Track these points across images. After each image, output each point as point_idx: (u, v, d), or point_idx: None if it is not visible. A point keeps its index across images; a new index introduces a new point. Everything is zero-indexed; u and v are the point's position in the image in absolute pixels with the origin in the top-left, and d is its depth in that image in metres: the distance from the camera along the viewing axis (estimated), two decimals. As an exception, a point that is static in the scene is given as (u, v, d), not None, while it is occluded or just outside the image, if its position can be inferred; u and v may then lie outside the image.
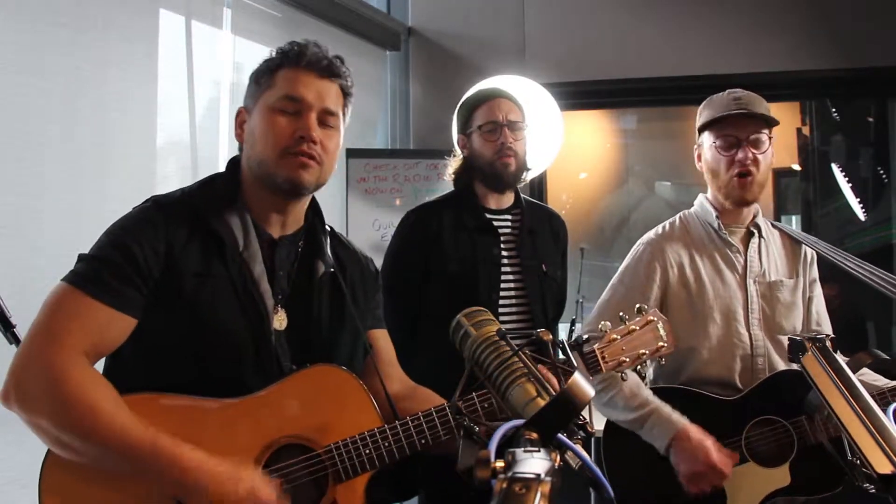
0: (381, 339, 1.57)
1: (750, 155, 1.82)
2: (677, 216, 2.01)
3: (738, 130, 1.84)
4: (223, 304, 1.30)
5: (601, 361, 1.44)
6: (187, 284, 1.28)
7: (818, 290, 1.99)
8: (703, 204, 1.97)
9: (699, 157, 1.96)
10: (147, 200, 1.37)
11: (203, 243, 1.31)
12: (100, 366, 1.29)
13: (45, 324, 1.21)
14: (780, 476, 1.73)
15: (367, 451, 1.30)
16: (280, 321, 1.36)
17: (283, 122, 1.33)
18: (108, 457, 1.18)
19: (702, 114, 1.94)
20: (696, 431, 1.74)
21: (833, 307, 2.04)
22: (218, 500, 1.17)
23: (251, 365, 1.31)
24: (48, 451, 1.22)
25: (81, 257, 1.28)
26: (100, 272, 1.23)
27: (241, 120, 1.41)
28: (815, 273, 1.99)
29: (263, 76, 1.38)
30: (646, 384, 1.91)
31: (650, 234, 1.98)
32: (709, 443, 1.72)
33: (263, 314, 1.33)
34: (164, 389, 1.26)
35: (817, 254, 2.00)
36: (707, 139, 1.90)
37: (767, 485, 1.74)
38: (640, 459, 1.80)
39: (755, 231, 1.93)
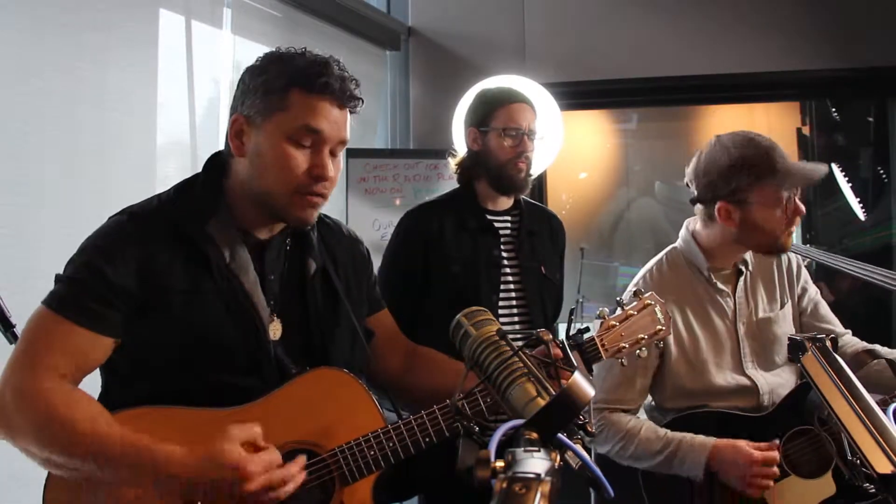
0: (383, 320, 1.56)
1: (801, 204, 1.77)
2: (663, 257, 1.92)
3: (793, 190, 1.76)
4: (214, 319, 1.26)
5: (601, 349, 1.45)
6: (174, 302, 1.24)
7: (812, 295, 1.94)
8: (691, 244, 1.88)
9: (725, 211, 1.76)
10: (122, 213, 1.29)
11: (186, 258, 1.26)
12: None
13: (24, 351, 1.20)
14: (825, 486, 1.68)
15: (372, 453, 1.29)
16: (275, 331, 1.32)
17: (300, 158, 1.25)
18: (97, 468, 1.15)
19: (765, 172, 1.73)
20: (726, 442, 1.70)
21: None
22: (208, 486, 1.15)
23: (252, 374, 1.29)
24: (46, 480, 1.20)
25: (58, 278, 1.24)
26: (77, 294, 1.20)
27: (238, 129, 1.29)
28: (805, 281, 1.93)
29: (275, 93, 1.25)
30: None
31: (640, 283, 1.89)
32: (743, 444, 1.68)
33: (259, 326, 1.30)
34: (165, 400, 1.24)
35: (816, 260, 1.96)
36: (762, 198, 1.73)
37: (814, 496, 1.69)
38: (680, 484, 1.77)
39: (743, 268, 1.88)
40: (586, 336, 1.45)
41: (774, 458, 1.65)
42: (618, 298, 1.51)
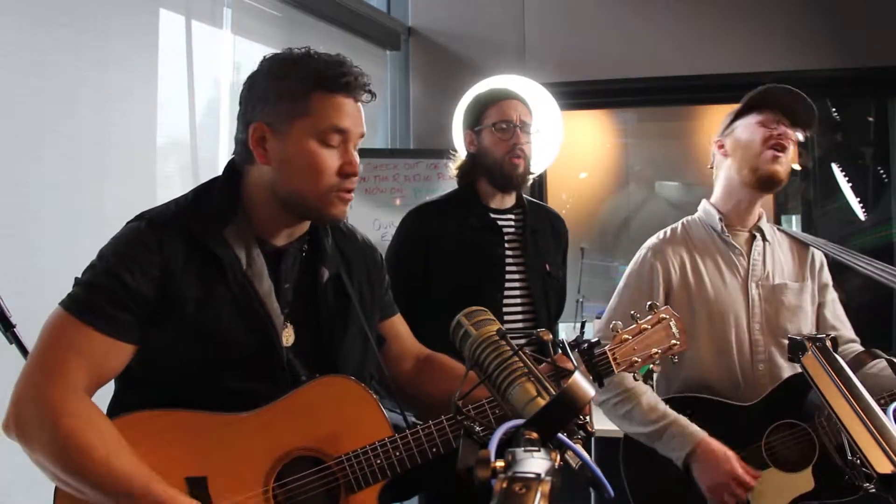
0: (396, 325, 1.57)
1: (790, 133, 1.84)
2: (680, 222, 2.01)
3: (782, 116, 1.86)
4: (228, 326, 1.27)
5: (613, 363, 1.42)
6: (188, 309, 1.24)
7: (832, 295, 1.96)
8: (707, 208, 1.97)
9: (720, 146, 1.94)
10: (140, 218, 1.30)
11: (202, 265, 1.27)
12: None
13: (44, 356, 1.20)
14: (804, 481, 1.70)
15: (379, 462, 1.29)
16: (287, 337, 1.33)
17: (330, 158, 1.27)
18: (103, 498, 1.16)
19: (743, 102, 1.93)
20: (717, 443, 1.72)
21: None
22: None
23: (264, 380, 1.29)
24: (56, 488, 1.21)
25: (77, 282, 1.25)
26: (96, 299, 1.21)
27: (260, 136, 1.27)
28: (827, 278, 1.96)
29: (297, 97, 1.25)
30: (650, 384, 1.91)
31: (652, 239, 1.99)
32: (731, 454, 1.71)
33: (273, 332, 1.30)
34: (176, 404, 1.25)
35: (827, 255, 1.97)
36: (746, 120, 1.89)
37: (791, 490, 1.70)
38: (662, 476, 1.80)
39: (758, 234, 1.92)
40: (597, 350, 1.43)
41: (750, 483, 1.69)
42: (632, 312, 1.49)
